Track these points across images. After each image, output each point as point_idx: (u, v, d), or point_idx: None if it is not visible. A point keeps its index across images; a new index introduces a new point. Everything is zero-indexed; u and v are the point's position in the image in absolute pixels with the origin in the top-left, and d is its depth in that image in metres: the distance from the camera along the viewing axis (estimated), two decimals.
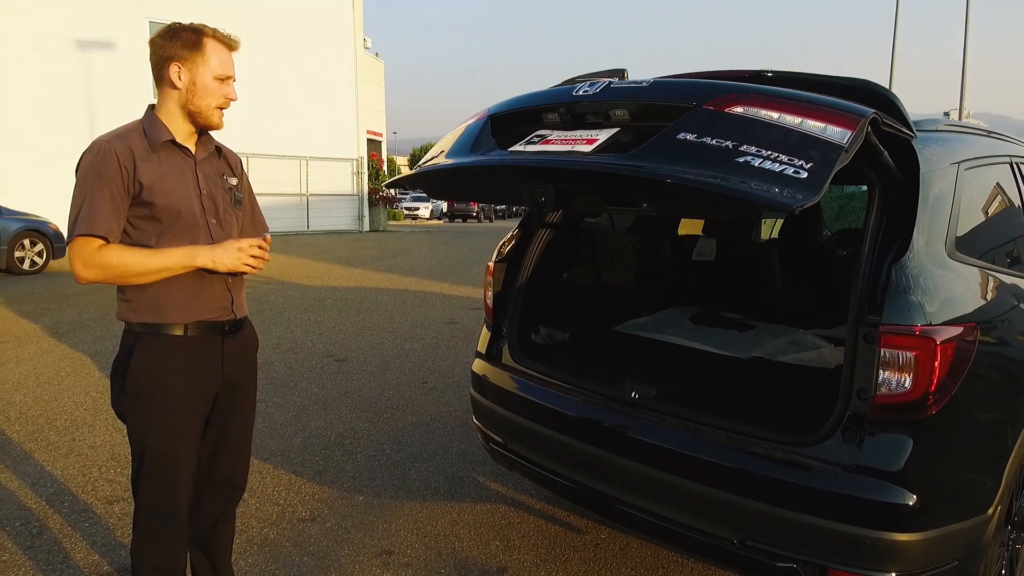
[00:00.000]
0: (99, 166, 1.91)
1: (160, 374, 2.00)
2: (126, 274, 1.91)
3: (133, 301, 2.01)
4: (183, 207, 1.99)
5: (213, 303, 2.07)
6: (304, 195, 21.16)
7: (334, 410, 4.92)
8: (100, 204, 1.88)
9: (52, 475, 3.78)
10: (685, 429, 2.39)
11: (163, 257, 1.94)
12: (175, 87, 2.00)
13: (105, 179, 1.90)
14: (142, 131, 2.00)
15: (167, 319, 2.00)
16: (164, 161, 1.99)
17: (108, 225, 1.89)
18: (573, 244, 3.48)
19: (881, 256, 2.18)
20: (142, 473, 2.07)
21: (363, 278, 11.52)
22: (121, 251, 1.91)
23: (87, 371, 5.75)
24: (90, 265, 1.88)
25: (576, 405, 2.70)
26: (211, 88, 2.01)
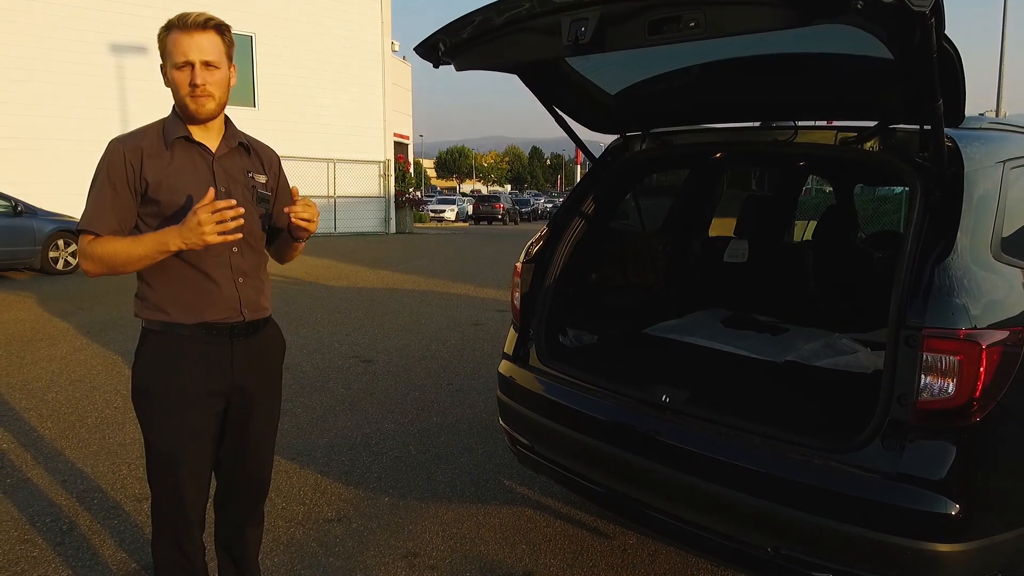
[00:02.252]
0: (106, 164, 1.97)
1: (162, 372, 2.01)
2: (115, 264, 1.93)
3: (143, 299, 2.05)
4: (192, 204, 1.94)
5: (220, 304, 2.03)
6: (332, 197, 21.32)
7: (360, 410, 4.92)
8: (100, 201, 1.94)
9: (82, 472, 3.82)
10: (717, 434, 2.34)
11: (141, 244, 1.91)
12: (167, 86, 2.04)
13: (109, 176, 1.95)
14: (160, 129, 2.04)
15: (173, 318, 2.00)
16: (177, 158, 2.01)
17: (102, 221, 1.93)
18: (602, 244, 3.43)
19: (923, 257, 2.12)
20: (150, 469, 2.10)
21: (389, 279, 11.56)
22: (106, 242, 1.93)
23: (118, 370, 5.82)
24: (86, 257, 1.95)
25: (605, 408, 2.66)
26: (178, 80, 1.98)
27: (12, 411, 4.75)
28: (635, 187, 3.53)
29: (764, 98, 2.76)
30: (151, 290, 2.02)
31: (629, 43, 2.08)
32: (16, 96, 15.72)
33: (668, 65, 2.82)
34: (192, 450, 2.05)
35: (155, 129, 2.04)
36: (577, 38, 2.05)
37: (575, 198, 3.21)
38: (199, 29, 1.96)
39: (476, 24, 2.31)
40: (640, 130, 3.10)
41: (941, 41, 1.78)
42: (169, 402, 2.01)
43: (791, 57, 2.55)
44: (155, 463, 2.06)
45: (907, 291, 2.08)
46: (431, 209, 35.97)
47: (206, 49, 1.96)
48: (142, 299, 2.05)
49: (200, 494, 2.12)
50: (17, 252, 10.99)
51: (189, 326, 2.00)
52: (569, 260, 3.11)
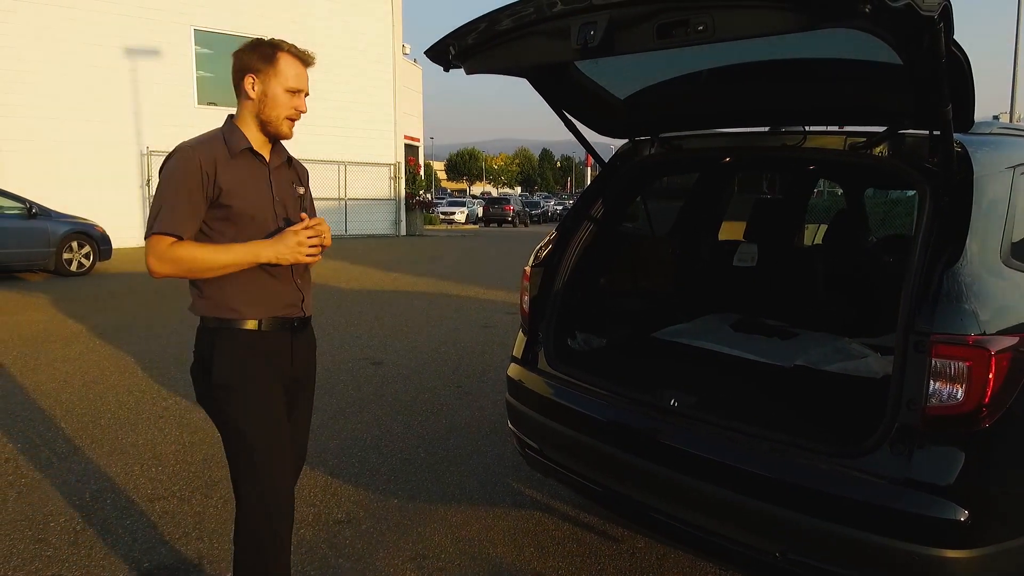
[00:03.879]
0: (182, 170, 2.01)
1: (245, 367, 2.10)
2: (195, 268, 2.02)
3: (211, 298, 2.10)
4: (256, 212, 2.10)
5: (284, 300, 2.17)
6: (343, 200, 21.39)
7: (370, 412, 4.95)
8: (178, 205, 1.99)
9: (95, 472, 3.86)
10: (726, 438, 2.34)
11: (230, 253, 2.04)
12: (249, 97, 2.11)
13: (186, 182, 2.00)
14: (223, 139, 2.10)
15: (243, 314, 2.09)
16: (242, 167, 2.10)
17: (183, 224, 2.00)
18: (611, 248, 3.44)
19: (932, 263, 2.12)
20: (244, 467, 2.13)
21: (399, 282, 11.60)
22: (191, 247, 2.01)
23: (131, 370, 5.88)
24: (163, 260, 1.99)
25: (613, 412, 2.67)
26: (281, 100, 2.10)
27: (27, 411, 4.81)
28: (644, 191, 3.53)
29: (773, 102, 2.76)
30: (221, 290, 2.08)
31: (638, 47, 2.09)
32: (27, 99, 15.87)
33: (677, 69, 2.83)
34: (281, 435, 2.17)
35: (217, 139, 2.11)
36: (586, 42, 2.07)
37: (584, 202, 3.23)
38: (310, 64, 2.17)
39: (485, 28, 2.33)
40: (649, 134, 3.11)
41: (950, 46, 1.79)
42: (255, 394, 2.11)
43: (800, 62, 2.56)
44: (249, 451, 2.11)
45: (916, 297, 2.08)
46: (441, 211, 36.02)
47: (308, 82, 2.16)
48: (209, 299, 2.10)
49: (290, 477, 2.23)
50: (31, 254, 11.10)
51: (259, 321, 2.11)
52: (578, 264, 3.12)
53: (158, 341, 6.93)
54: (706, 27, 1.91)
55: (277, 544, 2.18)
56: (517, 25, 2.26)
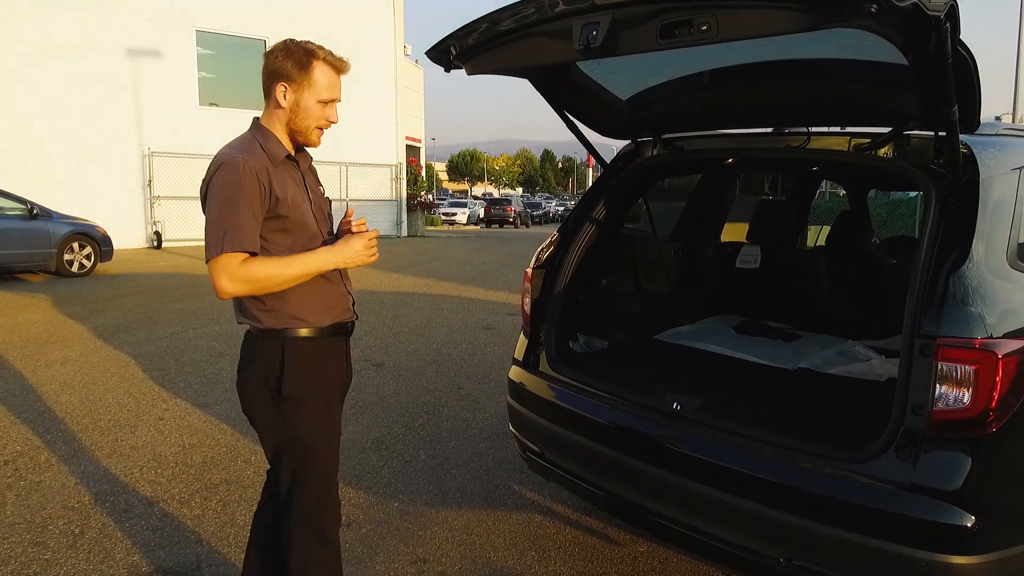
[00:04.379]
0: (240, 183, 1.93)
1: (316, 376, 2.10)
2: (269, 285, 1.98)
3: (275, 309, 2.05)
4: (307, 218, 2.07)
5: (341, 304, 2.17)
6: (344, 200, 21.35)
7: (371, 414, 4.93)
8: (245, 220, 1.92)
9: (95, 475, 3.84)
10: (729, 442, 2.32)
11: (300, 264, 2.01)
12: (280, 106, 2.04)
13: (246, 196, 1.93)
14: (260, 147, 2.03)
15: (309, 323, 2.08)
16: (285, 175, 2.06)
17: (253, 240, 1.94)
18: (612, 250, 3.42)
19: (938, 265, 2.09)
20: (306, 476, 2.12)
21: (400, 283, 11.59)
22: (264, 263, 1.96)
23: (131, 372, 5.86)
24: (236, 279, 1.92)
25: (615, 415, 2.65)
26: (313, 111, 2.05)
27: (26, 413, 4.79)
28: (646, 192, 3.51)
29: (777, 103, 2.74)
30: (284, 301, 2.04)
31: (641, 47, 2.07)
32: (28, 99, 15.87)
33: (680, 70, 2.81)
34: (337, 443, 2.20)
35: (255, 146, 2.03)
36: (588, 42, 2.05)
37: (586, 204, 3.21)
38: (344, 72, 2.10)
39: (487, 28, 2.31)
40: (652, 135, 3.09)
41: (956, 46, 1.77)
42: (324, 405, 2.12)
43: (804, 62, 2.54)
44: (313, 461, 2.11)
45: (922, 299, 2.06)
46: (443, 212, 36.00)
47: (340, 90, 2.11)
48: (273, 311, 2.05)
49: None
50: (32, 255, 11.08)
51: (323, 329, 2.11)
52: (580, 266, 3.10)
53: (158, 343, 6.91)
54: (710, 27, 1.89)
55: (336, 548, 2.24)
56: (519, 25, 2.24)
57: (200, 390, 5.40)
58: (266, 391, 2.07)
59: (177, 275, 12.13)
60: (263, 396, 2.08)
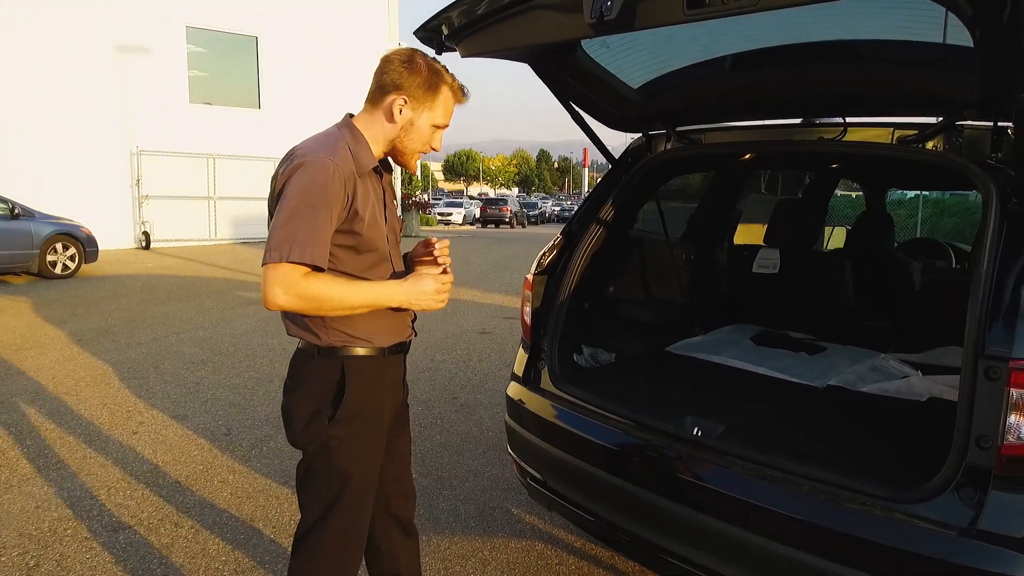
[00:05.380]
0: (324, 186, 1.72)
1: (376, 398, 1.95)
2: (325, 308, 1.78)
3: (334, 327, 1.86)
4: (378, 239, 1.87)
5: (403, 323, 2.01)
6: None
7: None
8: (322, 231, 1.71)
9: (58, 497, 3.54)
10: (759, 475, 2.03)
11: (364, 293, 1.82)
12: (392, 119, 1.86)
13: (328, 203, 1.72)
14: (349, 152, 1.82)
15: (374, 342, 1.91)
16: (367, 188, 1.86)
17: (323, 252, 1.73)
18: (621, 254, 3.13)
19: (1003, 275, 1.81)
20: (340, 501, 1.92)
21: None
22: (328, 282, 1.75)
23: (107, 381, 5.55)
24: (293, 293, 1.70)
25: (627, 440, 2.35)
26: (424, 134, 1.90)
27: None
28: (658, 191, 3.22)
29: (806, 91, 2.45)
30: (350, 319, 1.85)
31: (663, 19, 1.78)
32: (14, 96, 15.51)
33: (698, 54, 2.52)
34: (377, 474, 2.01)
35: (344, 150, 1.81)
36: (602, 14, 1.75)
37: (592, 204, 2.91)
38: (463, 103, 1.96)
39: (484, 2, 2.02)
40: (665, 128, 2.80)
41: None
42: (381, 427, 1.98)
43: (840, 45, 2.25)
44: (355, 492, 1.94)
45: (986, 315, 1.78)
46: (438, 212, 35.75)
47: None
48: (334, 328, 1.86)
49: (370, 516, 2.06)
50: (14, 256, 10.75)
51: (385, 349, 1.94)
52: (585, 271, 2.81)
53: (139, 349, 6.60)
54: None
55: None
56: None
57: (179, 401, 5.09)
58: (314, 413, 1.89)
59: (164, 277, 11.81)
60: (309, 419, 1.89)
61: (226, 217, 18.90)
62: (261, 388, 5.44)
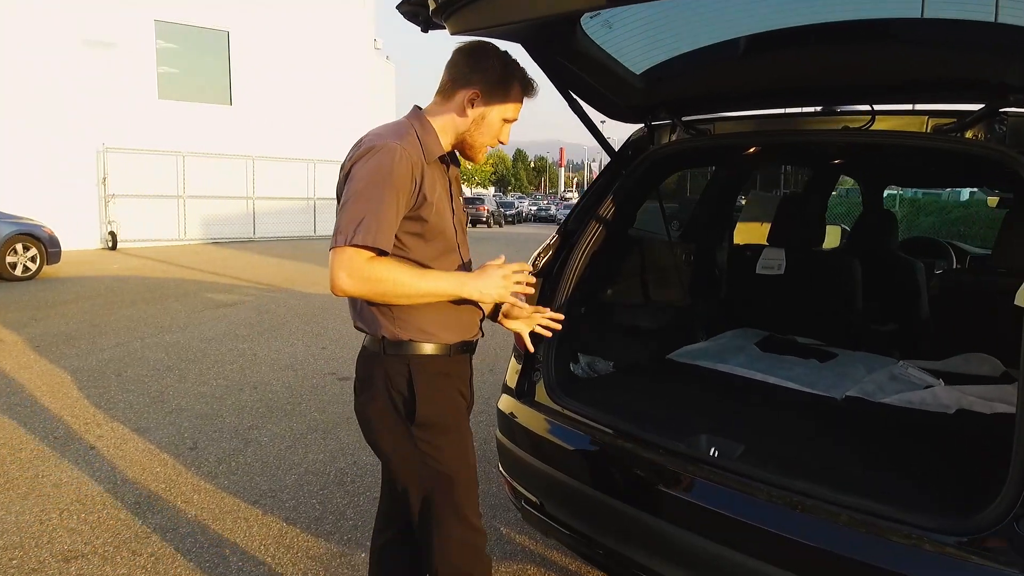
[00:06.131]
0: (396, 171, 1.70)
1: (447, 397, 1.90)
2: (391, 292, 1.73)
3: (403, 320, 1.82)
4: (446, 227, 1.86)
5: (471, 321, 1.95)
6: (312, 199, 20.69)
7: (335, 439, 4.36)
8: (387, 214, 1.69)
9: (4, 522, 3.23)
10: (790, 504, 1.81)
11: (431, 281, 1.78)
12: (463, 113, 1.84)
13: (395, 187, 1.70)
14: (417, 139, 1.80)
15: (440, 339, 1.86)
16: (435, 175, 1.83)
17: (388, 237, 1.70)
18: (619, 255, 2.90)
19: None
20: (447, 510, 1.89)
21: None
22: (394, 266, 1.72)
23: (65, 390, 5.21)
24: (357, 277, 1.66)
25: (636, 462, 2.12)
26: (494, 128, 1.88)
27: None
28: (660, 187, 2.99)
29: (834, 77, 2.23)
30: (414, 311, 1.81)
31: None
32: None
33: (709, 36, 2.30)
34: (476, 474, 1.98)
35: (412, 137, 1.79)
36: None
37: (590, 201, 2.68)
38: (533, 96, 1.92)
39: None
40: (670, 118, 2.57)
41: None
42: (462, 430, 1.94)
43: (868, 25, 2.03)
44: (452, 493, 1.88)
45: None
46: None
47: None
48: (401, 320, 1.81)
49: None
50: None
51: (452, 346, 1.88)
52: (583, 273, 2.58)
53: (101, 355, 6.25)
54: None
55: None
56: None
57: (141, 412, 4.78)
58: (394, 415, 1.85)
59: (130, 278, 11.39)
60: (391, 421, 1.85)
61: (196, 216, 18.43)
62: (230, 397, 5.14)
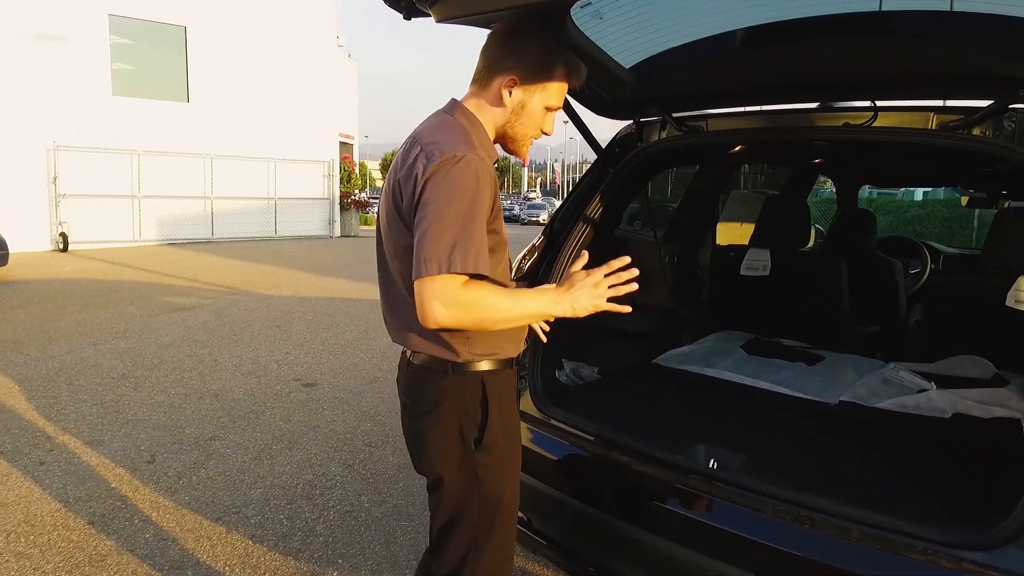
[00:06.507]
0: (477, 185, 1.52)
1: (513, 417, 1.79)
2: (489, 319, 1.52)
3: (474, 338, 1.67)
4: (505, 236, 1.71)
5: (524, 331, 1.82)
6: (272, 199, 20.25)
7: (302, 449, 4.17)
8: (477, 233, 1.50)
9: None
10: (798, 519, 1.71)
11: (527, 303, 1.58)
12: (500, 103, 1.68)
13: (481, 203, 1.53)
14: (475, 140, 1.61)
15: (504, 352, 1.72)
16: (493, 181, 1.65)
17: (487, 261, 1.51)
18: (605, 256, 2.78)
19: None
20: (493, 531, 1.74)
21: (335, 287, 10.74)
22: (489, 290, 1.51)
23: (12, 402, 4.91)
24: (454, 305, 1.46)
25: (632, 474, 2.01)
26: (537, 118, 1.71)
27: None
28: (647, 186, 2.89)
29: (835, 72, 2.15)
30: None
31: None
32: None
33: (703, 29, 2.20)
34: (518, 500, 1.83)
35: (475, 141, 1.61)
36: None
37: (576, 201, 2.57)
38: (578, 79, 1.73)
39: None
40: (660, 114, 2.47)
41: None
42: (516, 446, 1.80)
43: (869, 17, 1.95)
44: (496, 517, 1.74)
45: None
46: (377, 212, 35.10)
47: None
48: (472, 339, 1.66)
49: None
50: None
51: (508, 360, 1.75)
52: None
53: (51, 363, 5.94)
54: None
55: None
56: None
57: (94, 424, 4.52)
58: (458, 440, 1.69)
59: (83, 281, 10.96)
60: (455, 446, 1.69)
61: (152, 217, 17.88)
62: (190, 406, 4.91)
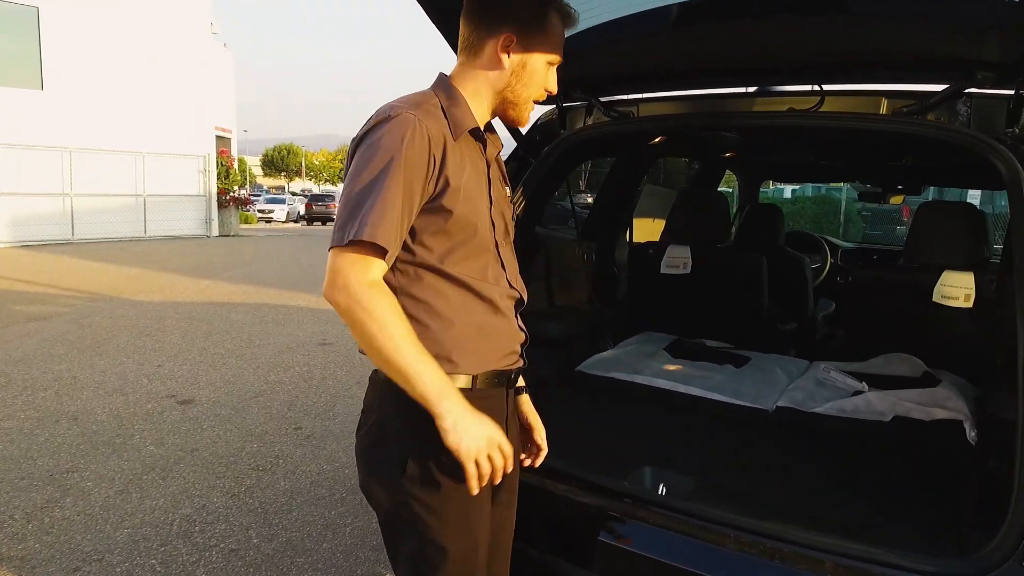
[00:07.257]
0: (403, 148, 1.32)
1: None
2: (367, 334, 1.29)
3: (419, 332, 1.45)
4: (479, 221, 1.46)
5: (504, 346, 1.54)
6: (140, 196, 18.85)
7: (177, 478, 3.68)
8: (393, 204, 1.31)
9: None
10: (765, 553, 1.52)
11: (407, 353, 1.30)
12: (498, 65, 1.47)
13: (408, 168, 1.33)
14: (442, 110, 1.43)
15: (460, 365, 1.44)
16: (464, 155, 1.45)
17: (393, 238, 1.32)
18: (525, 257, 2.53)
19: None
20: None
21: (212, 291, 9.99)
22: (394, 312, 1.31)
23: None
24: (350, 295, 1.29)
25: (570, 505, 1.77)
26: (540, 74, 1.51)
27: None
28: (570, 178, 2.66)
29: (772, 53, 1.99)
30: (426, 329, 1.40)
31: None
32: None
33: (634, 4, 1.99)
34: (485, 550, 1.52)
35: (436, 107, 1.42)
36: None
37: None
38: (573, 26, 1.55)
39: None
40: (586, 98, 2.24)
41: None
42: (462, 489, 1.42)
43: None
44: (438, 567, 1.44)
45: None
46: (259, 209, 33.71)
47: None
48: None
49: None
50: None
51: (473, 377, 1.47)
52: None
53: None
54: None
55: None
56: None
57: None
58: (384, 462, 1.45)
59: None
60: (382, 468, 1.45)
61: (2, 216, 16.22)
62: (43, 431, 4.28)
